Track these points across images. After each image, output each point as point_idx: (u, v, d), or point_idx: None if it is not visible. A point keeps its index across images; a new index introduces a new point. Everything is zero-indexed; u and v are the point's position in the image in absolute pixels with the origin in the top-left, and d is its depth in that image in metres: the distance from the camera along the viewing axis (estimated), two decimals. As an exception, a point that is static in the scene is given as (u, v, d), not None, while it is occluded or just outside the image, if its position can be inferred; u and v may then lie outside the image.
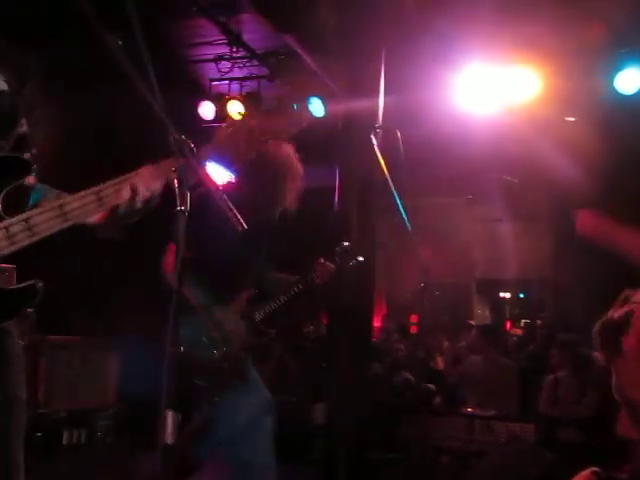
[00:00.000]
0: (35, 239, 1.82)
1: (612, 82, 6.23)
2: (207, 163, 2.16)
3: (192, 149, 1.92)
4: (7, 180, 1.85)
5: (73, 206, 1.86)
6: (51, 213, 1.83)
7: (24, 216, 1.81)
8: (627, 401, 2.29)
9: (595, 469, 2.85)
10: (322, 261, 3.73)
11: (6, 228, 1.79)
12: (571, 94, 6.61)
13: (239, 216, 1.96)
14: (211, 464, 3.28)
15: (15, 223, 1.79)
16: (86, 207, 1.88)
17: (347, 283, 5.19)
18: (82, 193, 1.89)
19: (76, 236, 2.04)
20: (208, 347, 3.29)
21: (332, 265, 3.75)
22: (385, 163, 3.64)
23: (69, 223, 1.86)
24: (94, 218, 2.01)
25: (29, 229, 1.80)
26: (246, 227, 1.97)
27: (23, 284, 1.87)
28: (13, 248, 1.81)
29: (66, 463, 5.63)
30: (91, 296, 6.10)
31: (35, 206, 1.90)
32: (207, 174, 1.94)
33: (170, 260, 3.30)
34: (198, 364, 3.22)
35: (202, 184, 1.94)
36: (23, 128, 2.01)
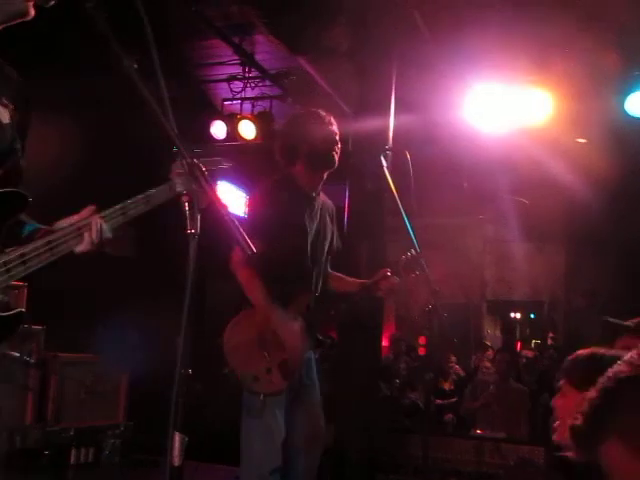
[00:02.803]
0: (27, 272, 1.93)
1: (623, 104, 6.23)
2: (219, 183, 2.17)
3: (203, 172, 1.93)
4: (8, 214, 1.96)
5: (58, 242, 1.98)
6: (41, 249, 1.93)
7: (20, 251, 1.90)
8: None
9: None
10: (388, 273, 3.58)
11: (5, 263, 1.87)
12: (582, 116, 6.62)
13: (248, 239, 1.97)
14: None
15: (13, 260, 1.89)
16: (69, 242, 2.01)
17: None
18: (67, 229, 2.01)
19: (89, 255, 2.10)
20: None
21: (396, 279, 3.58)
22: (395, 184, 3.64)
23: (55, 257, 1.98)
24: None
25: (23, 263, 1.90)
26: (255, 251, 1.97)
27: (13, 311, 1.95)
28: (10, 281, 1.90)
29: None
30: (102, 314, 6.10)
31: (27, 241, 1.98)
32: (217, 197, 1.95)
33: (237, 257, 3.30)
34: None
35: (213, 207, 1.95)
36: (18, 154, 2.07)
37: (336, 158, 3.55)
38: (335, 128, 3.56)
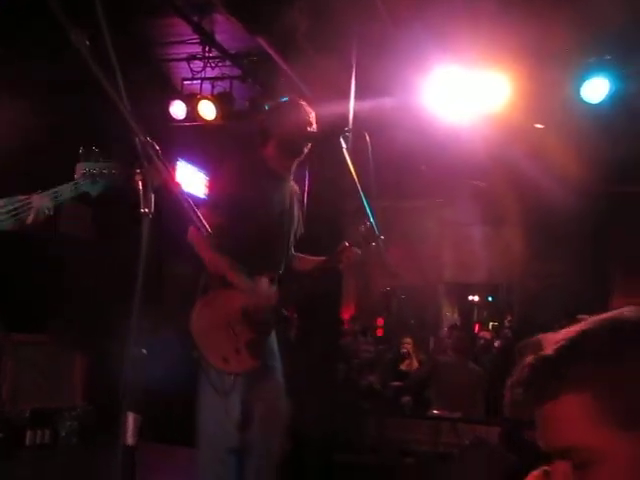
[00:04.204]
0: None
1: (579, 91, 6.33)
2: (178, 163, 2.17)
3: (157, 151, 1.92)
4: None
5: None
6: None
7: None
8: None
9: (546, 468, 2.88)
10: (348, 245, 3.57)
11: None
12: (540, 101, 6.71)
13: (202, 219, 1.97)
14: None
15: None
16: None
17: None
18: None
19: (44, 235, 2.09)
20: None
21: (358, 250, 3.55)
22: (354, 167, 3.66)
23: None
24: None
25: None
26: (209, 230, 1.97)
27: None
28: None
29: (29, 464, 5.58)
30: (57, 293, 6.04)
31: None
32: (171, 176, 1.95)
33: (193, 233, 3.31)
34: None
35: (166, 186, 1.95)
36: None
37: (305, 149, 3.59)
38: (312, 120, 3.60)
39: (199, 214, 1.96)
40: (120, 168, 2.29)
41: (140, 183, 1.89)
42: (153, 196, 1.89)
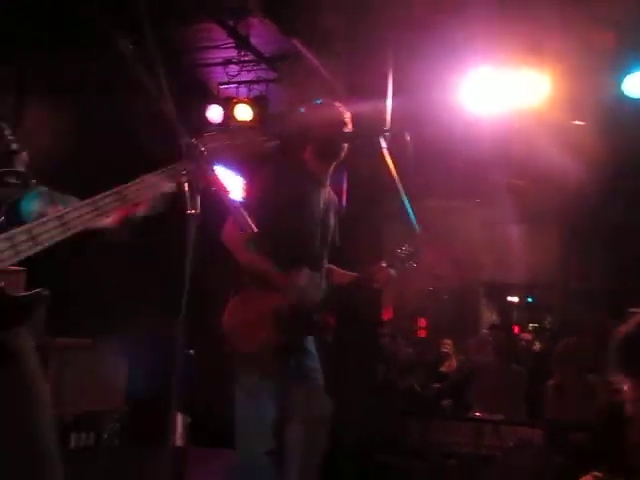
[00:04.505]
0: (38, 249, 1.88)
1: (620, 85, 6.22)
2: (217, 167, 2.17)
3: (202, 152, 1.93)
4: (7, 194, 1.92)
5: (71, 216, 1.91)
6: (52, 224, 1.88)
7: (27, 227, 1.86)
8: None
9: (596, 474, 2.84)
10: (384, 265, 3.57)
11: (10, 239, 1.83)
12: (579, 97, 6.61)
13: (249, 219, 1.97)
14: None
15: (19, 234, 1.84)
16: (84, 217, 1.94)
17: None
18: (80, 203, 1.96)
19: (86, 240, 2.09)
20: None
21: (393, 271, 3.55)
22: (394, 166, 3.63)
23: (69, 233, 1.92)
24: (104, 223, 2.04)
25: (32, 239, 1.85)
26: (256, 230, 1.97)
27: (31, 291, 1.90)
28: (17, 258, 1.87)
29: (73, 466, 5.63)
30: (101, 298, 6.10)
31: (37, 217, 1.92)
32: (217, 177, 1.95)
33: (229, 229, 3.30)
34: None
35: (212, 187, 1.95)
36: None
37: (343, 152, 3.57)
38: (348, 121, 3.59)
39: (244, 214, 1.96)
40: None
41: (186, 184, 1.90)
42: (199, 197, 1.89)
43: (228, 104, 7.61)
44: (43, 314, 5.62)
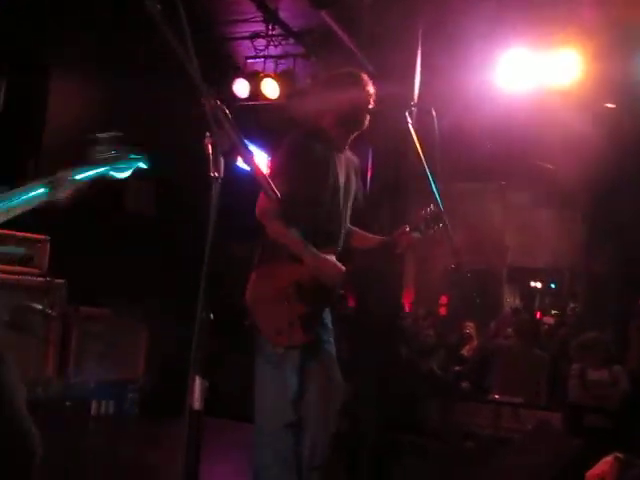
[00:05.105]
0: None
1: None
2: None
3: (226, 114, 1.90)
4: None
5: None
6: None
7: None
8: None
9: (618, 455, 2.81)
10: (407, 229, 3.47)
11: None
12: (611, 79, 6.49)
13: (272, 184, 1.94)
14: None
15: None
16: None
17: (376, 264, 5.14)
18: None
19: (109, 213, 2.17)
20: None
21: (416, 235, 3.45)
22: (419, 143, 3.58)
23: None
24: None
25: None
26: (279, 196, 1.94)
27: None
28: None
29: (94, 433, 5.72)
30: (121, 269, 6.14)
31: None
32: (241, 140, 1.92)
33: (262, 204, 3.27)
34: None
35: (236, 150, 1.92)
36: None
37: (366, 121, 3.52)
38: (371, 91, 3.53)
39: (268, 179, 1.93)
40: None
41: (210, 147, 1.87)
42: (223, 160, 1.87)
43: (255, 78, 7.58)
44: (66, 284, 5.69)
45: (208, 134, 1.89)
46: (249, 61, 7.88)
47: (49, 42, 6.24)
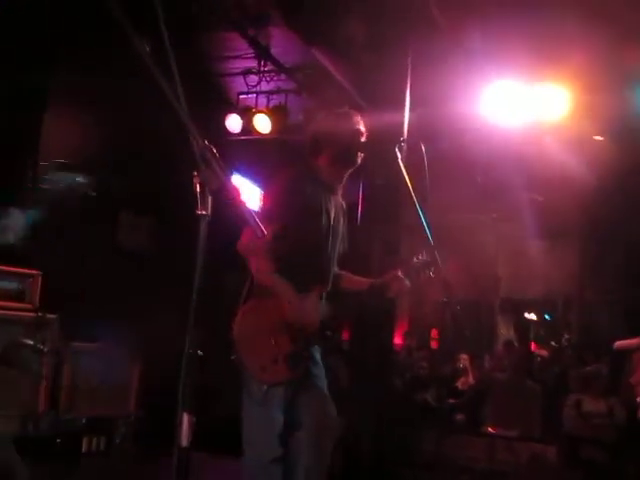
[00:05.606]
0: None
1: (639, 102, 6.19)
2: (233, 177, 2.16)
3: (214, 154, 1.93)
4: None
5: None
6: None
7: None
8: None
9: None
10: (399, 275, 3.50)
11: None
12: (599, 112, 6.57)
13: (260, 223, 1.97)
14: None
15: None
16: None
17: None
18: None
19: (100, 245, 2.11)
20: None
21: (408, 282, 3.49)
22: (409, 178, 3.62)
23: None
24: None
25: None
26: (265, 234, 1.97)
27: None
28: None
29: (85, 470, 5.66)
30: (114, 304, 6.14)
31: None
32: (229, 180, 1.95)
33: (245, 239, 3.27)
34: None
35: (224, 190, 1.95)
36: None
37: (359, 159, 3.56)
38: (362, 129, 3.58)
39: (256, 217, 1.96)
40: None
41: (198, 185, 1.90)
42: (210, 198, 1.90)
43: (247, 114, 7.65)
44: (58, 319, 5.69)
45: (195, 173, 1.92)
46: (241, 97, 7.96)
47: (49, 69, 6.31)
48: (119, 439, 6.05)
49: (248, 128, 7.65)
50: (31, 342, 5.24)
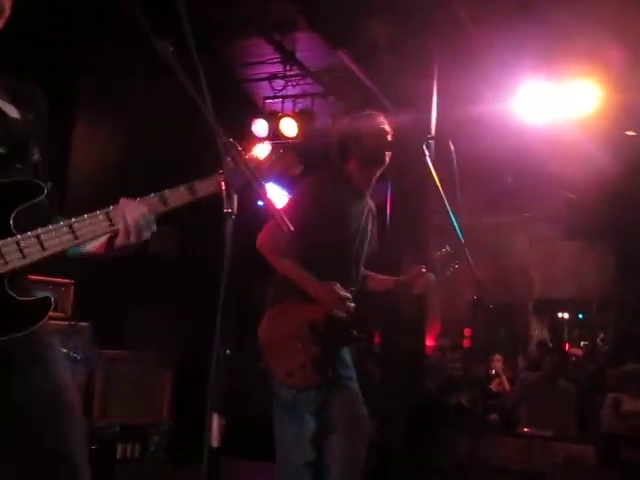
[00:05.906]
0: (46, 254, 1.89)
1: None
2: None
3: (240, 152, 1.92)
4: (20, 200, 1.90)
5: (82, 224, 1.93)
6: (61, 231, 1.91)
7: (34, 232, 1.88)
8: None
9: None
10: (423, 270, 3.48)
11: (17, 242, 1.86)
12: (631, 107, 6.47)
13: (286, 219, 1.94)
14: None
15: (26, 238, 1.87)
16: (95, 226, 1.95)
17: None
18: (92, 214, 1.96)
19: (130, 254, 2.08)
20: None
21: (433, 276, 3.47)
22: (438, 177, 3.58)
23: (79, 241, 1.94)
24: (94, 248, 2.06)
25: (40, 244, 1.88)
26: (292, 229, 1.94)
27: (38, 296, 1.92)
28: (25, 261, 1.87)
29: (119, 477, 5.68)
30: (145, 311, 6.17)
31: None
32: (254, 176, 1.93)
33: (264, 236, 3.29)
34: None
35: (249, 187, 1.93)
36: (35, 156, 2.04)
37: (387, 160, 3.54)
38: (388, 128, 3.56)
39: (282, 213, 1.94)
40: None
41: (223, 184, 1.89)
42: (236, 197, 1.88)
43: (273, 118, 7.65)
44: (90, 327, 5.72)
45: (221, 171, 1.91)
46: (267, 101, 7.97)
47: (81, 85, 6.37)
48: (153, 447, 6.06)
49: (275, 133, 7.65)
50: (64, 350, 5.28)
